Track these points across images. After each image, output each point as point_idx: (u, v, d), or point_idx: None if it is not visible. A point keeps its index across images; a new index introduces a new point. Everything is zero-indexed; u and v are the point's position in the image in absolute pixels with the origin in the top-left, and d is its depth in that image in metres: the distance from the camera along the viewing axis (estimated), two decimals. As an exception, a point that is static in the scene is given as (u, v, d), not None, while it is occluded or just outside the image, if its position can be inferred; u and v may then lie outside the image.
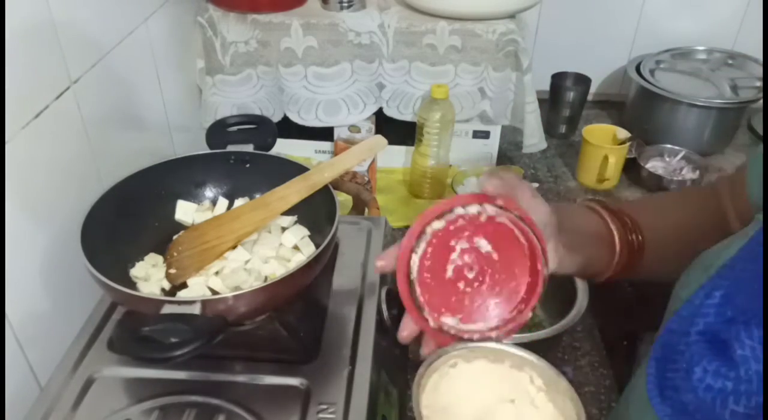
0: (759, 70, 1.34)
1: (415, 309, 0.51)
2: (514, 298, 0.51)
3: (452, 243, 0.51)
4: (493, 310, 0.52)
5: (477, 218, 0.50)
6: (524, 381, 0.51)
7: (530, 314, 0.51)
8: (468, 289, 0.51)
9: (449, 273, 0.51)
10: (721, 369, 0.42)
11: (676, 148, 1.27)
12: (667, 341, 0.49)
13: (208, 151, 0.84)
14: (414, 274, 0.50)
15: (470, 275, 0.51)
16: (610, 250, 0.61)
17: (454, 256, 0.51)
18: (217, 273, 0.73)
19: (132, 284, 0.72)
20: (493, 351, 0.51)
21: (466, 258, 0.51)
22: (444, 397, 0.50)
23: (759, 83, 1.31)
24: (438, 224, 0.50)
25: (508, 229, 0.50)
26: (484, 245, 0.51)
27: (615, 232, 0.60)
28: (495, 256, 0.51)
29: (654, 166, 1.26)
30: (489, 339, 0.51)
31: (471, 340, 0.51)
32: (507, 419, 0.50)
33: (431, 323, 0.51)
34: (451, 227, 0.50)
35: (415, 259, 0.50)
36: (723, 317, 0.44)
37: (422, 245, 0.50)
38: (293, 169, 0.77)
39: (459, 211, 0.50)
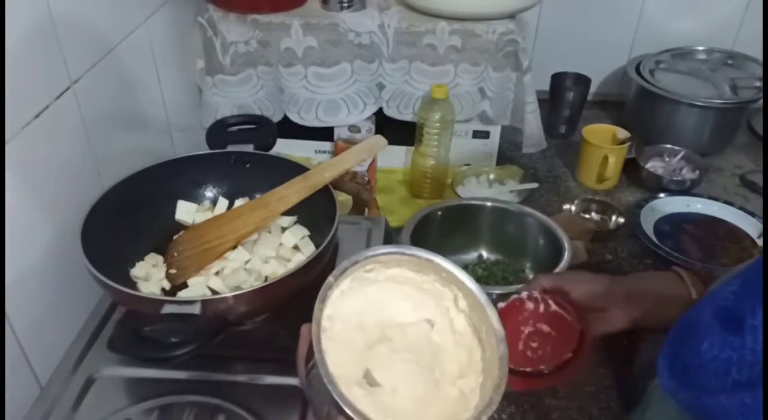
0: (759, 70, 1.34)
1: None
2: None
3: (521, 328, 0.64)
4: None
5: (537, 310, 0.64)
6: (447, 298, 0.47)
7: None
8: (534, 356, 0.63)
9: (520, 346, 0.63)
10: (728, 338, 0.43)
11: (676, 148, 1.26)
12: (683, 322, 0.50)
13: (209, 151, 0.84)
14: None
15: (534, 345, 0.63)
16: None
17: (522, 336, 0.64)
18: (217, 273, 0.73)
19: (132, 284, 0.72)
20: (419, 261, 0.47)
21: (533, 338, 0.64)
22: (352, 302, 0.46)
23: (759, 83, 1.30)
24: (501, 304, 0.63)
25: (560, 315, 0.64)
26: (545, 328, 0.64)
27: (694, 293, 0.64)
28: (553, 333, 0.63)
29: (654, 166, 1.26)
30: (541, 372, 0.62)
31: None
32: (417, 339, 0.45)
33: None
34: (519, 317, 0.64)
35: None
36: (739, 297, 0.45)
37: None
38: (293, 169, 0.77)
39: (522, 295, 0.65)
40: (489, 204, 1.01)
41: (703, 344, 0.44)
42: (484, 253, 1.03)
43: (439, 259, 0.47)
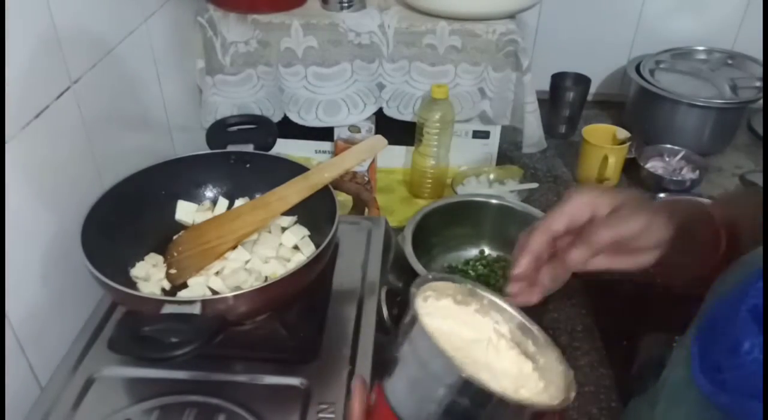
0: (759, 70, 1.34)
1: None
2: None
3: None
4: None
5: None
6: (488, 328, 0.49)
7: None
8: None
9: None
10: None
11: (676, 148, 1.27)
12: (712, 322, 0.48)
13: (209, 151, 0.84)
14: None
15: None
16: (711, 266, 0.58)
17: None
18: (217, 273, 0.73)
19: (132, 284, 0.72)
20: (463, 289, 0.49)
21: None
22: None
23: (759, 83, 1.30)
24: None
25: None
26: None
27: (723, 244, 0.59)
28: None
29: (654, 166, 1.26)
30: None
31: None
32: (478, 356, 0.47)
33: None
34: None
35: None
36: None
37: None
38: (293, 169, 0.77)
39: None
40: (494, 201, 1.01)
41: (743, 345, 0.43)
42: (486, 250, 1.03)
43: (479, 289, 0.49)
